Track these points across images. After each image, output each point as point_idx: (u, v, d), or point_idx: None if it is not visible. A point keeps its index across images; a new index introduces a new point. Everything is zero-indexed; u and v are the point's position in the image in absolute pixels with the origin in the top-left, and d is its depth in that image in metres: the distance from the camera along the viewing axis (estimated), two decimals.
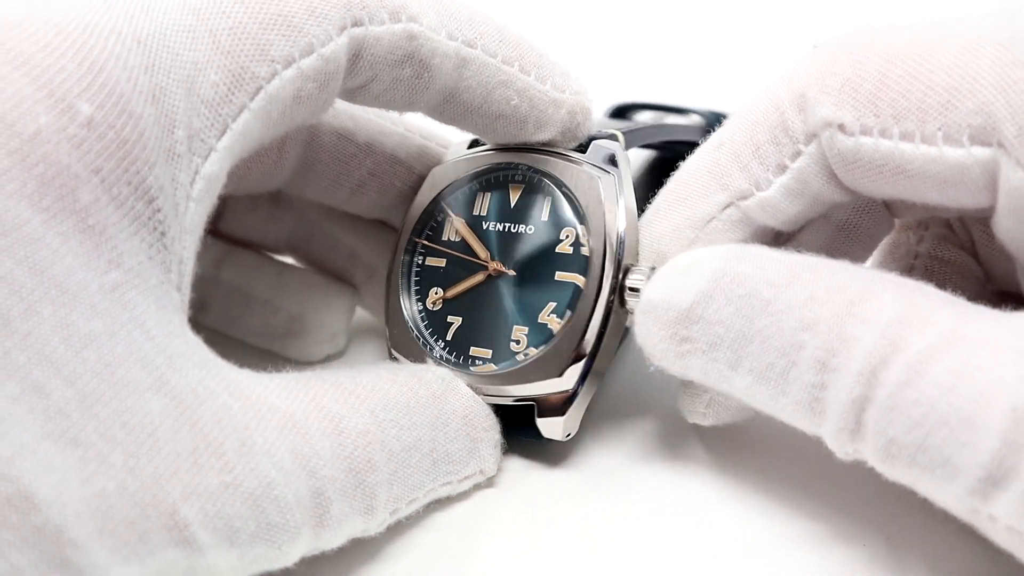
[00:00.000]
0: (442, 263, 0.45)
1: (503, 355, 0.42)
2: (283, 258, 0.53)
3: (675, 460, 0.43)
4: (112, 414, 0.29)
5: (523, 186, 0.44)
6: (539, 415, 0.41)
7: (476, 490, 0.41)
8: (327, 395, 0.35)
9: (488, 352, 0.43)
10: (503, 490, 0.41)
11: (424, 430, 0.38)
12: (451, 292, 0.44)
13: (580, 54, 0.44)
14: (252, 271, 0.50)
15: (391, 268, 0.46)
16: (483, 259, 0.44)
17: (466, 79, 0.40)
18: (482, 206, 0.45)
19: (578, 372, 0.41)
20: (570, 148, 0.43)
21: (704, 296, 0.36)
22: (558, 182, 0.43)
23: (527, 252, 0.43)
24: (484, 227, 0.44)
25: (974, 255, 0.44)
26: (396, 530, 0.38)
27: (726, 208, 0.40)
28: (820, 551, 0.37)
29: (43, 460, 0.27)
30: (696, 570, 0.37)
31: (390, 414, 0.37)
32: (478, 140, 0.46)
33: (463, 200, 0.45)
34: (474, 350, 0.43)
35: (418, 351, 0.44)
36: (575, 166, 0.43)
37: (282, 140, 0.44)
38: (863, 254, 0.43)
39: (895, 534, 0.37)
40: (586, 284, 0.41)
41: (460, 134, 0.45)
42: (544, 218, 0.43)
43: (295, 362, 0.50)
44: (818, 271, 0.35)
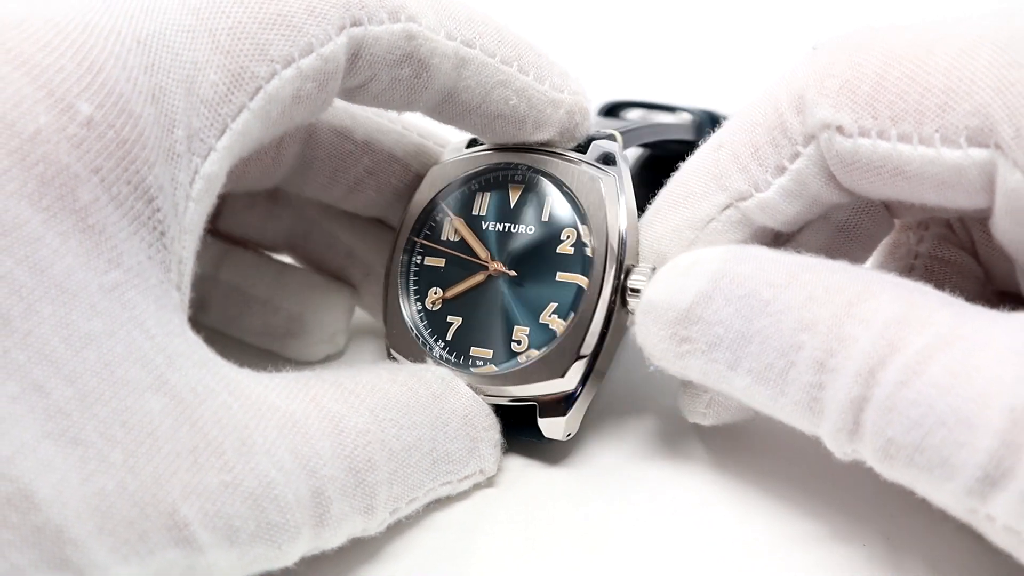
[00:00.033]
0: (441, 263, 0.45)
1: (504, 355, 0.42)
2: (282, 258, 0.53)
3: (675, 459, 0.43)
4: (112, 413, 0.29)
5: (522, 186, 0.44)
6: (540, 415, 0.41)
7: (476, 490, 0.41)
8: (327, 395, 0.35)
9: (489, 352, 0.43)
10: (503, 490, 0.41)
11: (424, 430, 0.38)
12: (451, 292, 0.44)
13: (571, 52, 0.44)
14: (251, 270, 0.51)
15: (389, 267, 0.46)
16: (483, 259, 0.44)
17: (465, 79, 0.40)
18: (481, 206, 0.45)
19: (580, 373, 0.41)
20: (569, 148, 0.43)
21: (704, 297, 0.36)
22: (558, 182, 0.43)
23: (527, 252, 0.43)
24: (483, 227, 0.44)
25: (974, 255, 0.44)
26: (396, 530, 0.38)
27: (725, 209, 0.40)
28: (820, 550, 0.37)
29: (43, 459, 0.27)
30: (696, 569, 0.37)
31: (390, 413, 0.37)
32: (476, 139, 0.46)
33: (462, 200, 0.45)
34: (474, 350, 0.43)
35: (417, 351, 0.44)
36: (575, 166, 0.43)
37: (280, 137, 0.44)
38: (863, 255, 0.43)
39: (894, 534, 0.37)
40: (588, 285, 0.41)
41: (458, 133, 0.45)
42: (544, 218, 0.43)
43: (295, 362, 0.50)
44: (817, 272, 0.35)
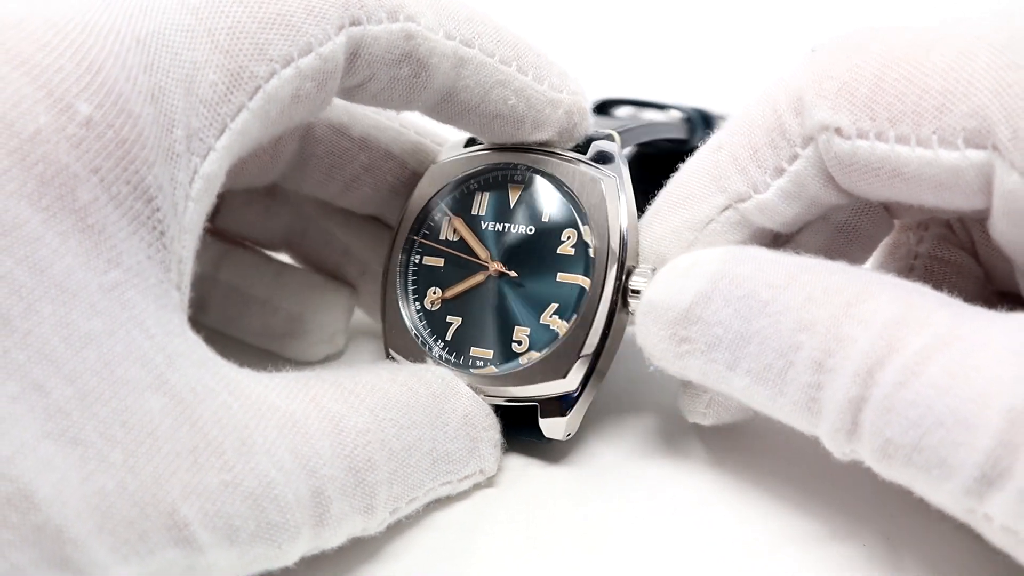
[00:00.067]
0: (440, 262, 0.45)
1: (505, 356, 0.42)
2: (282, 258, 0.53)
3: (674, 458, 0.43)
4: (112, 413, 0.29)
5: (522, 186, 0.44)
6: (541, 415, 0.41)
7: (476, 489, 0.41)
8: (327, 394, 0.35)
9: (489, 353, 0.43)
10: (502, 489, 0.41)
11: (424, 429, 0.38)
12: (450, 292, 0.44)
13: (564, 49, 0.43)
14: (250, 270, 0.50)
15: (387, 266, 0.45)
16: (483, 259, 0.44)
17: (463, 78, 0.40)
18: (480, 206, 0.44)
19: (582, 373, 0.41)
20: (568, 148, 0.43)
21: (703, 297, 0.36)
22: (558, 183, 0.43)
23: (528, 253, 0.43)
24: (483, 227, 0.44)
25: (974, 255, 0.44)
26: (396, 529, 0.38)
27: (724, 210, 0.40)
28: (819, 550, 0.37)
29: (43, 459, 0.27)
30: (695, 568, 0.37)
31: (390, 413, 0.37)
32: (475, 139, 0.46)
33: (461, 199, 0.45)
34: (474, 351, 0.43)
35: (416, 351, 0.44)
36: (575, 167, 0.43)
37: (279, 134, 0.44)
38: (862, 255, 0.43)
39: (894, 533, 0.37)
40: (590, 286, 0.41)
41: (456, 132, 0.45)
42: (545, 219, 0.43)
43: (295, 362, 0.50)
44: (816, 273, 0.35)
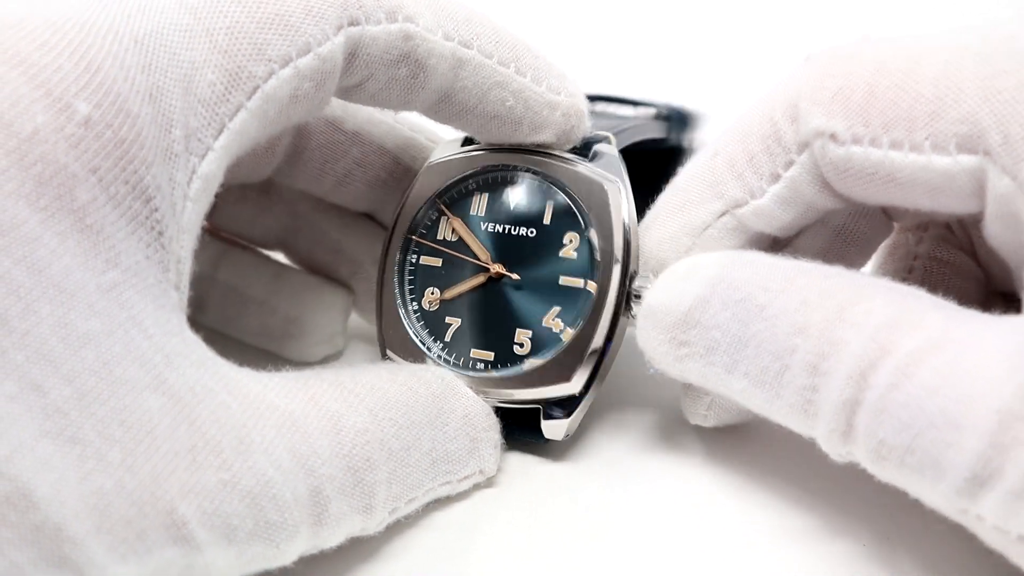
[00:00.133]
0: (438, 262, 0.44)
1: (506, 358, 0.42)
2: (279, 258, 0.53)
3: (674, 455, 0.43)
4: (110, 412, 0.29)
5: (523, 188, 0.44)
6: (544, 418, 0.41)
7: (475, 489, 0.41)
8: (326, 394, 0.35)
9: (490, 355, 0.43)
10: (502, 488, 0.41)
11: (423, 429, 0.38)
12: (449, 293, 0.44)
13: (553, 47, 0.43)
14: (249, 271, 0.50)
15: (383, 266, 0.45)
16: (483, 261, 0.43)
17: (462, 79, 0.40)
18: (480, 206, 0.44)
19: (586, 376, 0.41)
20: (565, 150, 0.43)
21: (701, 301, 0.37)
22: (560, 185, 0.43)
23: (529, 255, 0.43)
24: (482, 228, 0.44)
25: (973, 256, 0.44)
26: (395, 529, 0.38)
27: (722, 216, 0.40)
28: (819, 546, 0.37)
29: (41, 458, 0.27)
30: (696, 562, 0.37)
31: (389, 413, 0.37)
32: (471, 138, 0.45)
33: (460, 199, 0.45)
34: (475, 352, 0.43)
35: (414, 351, 0.44)
36: (576, 169, 0.42)
37: None
38: (861, 258, 0.43)
39: (894, 532, 0.37)
40: (594, 289, 0.41)
41: (452, 131, 0.44)
42: (546, 221, 0.43)
43: (294, 362, 0.50)
44: (812, 276, 0.35)
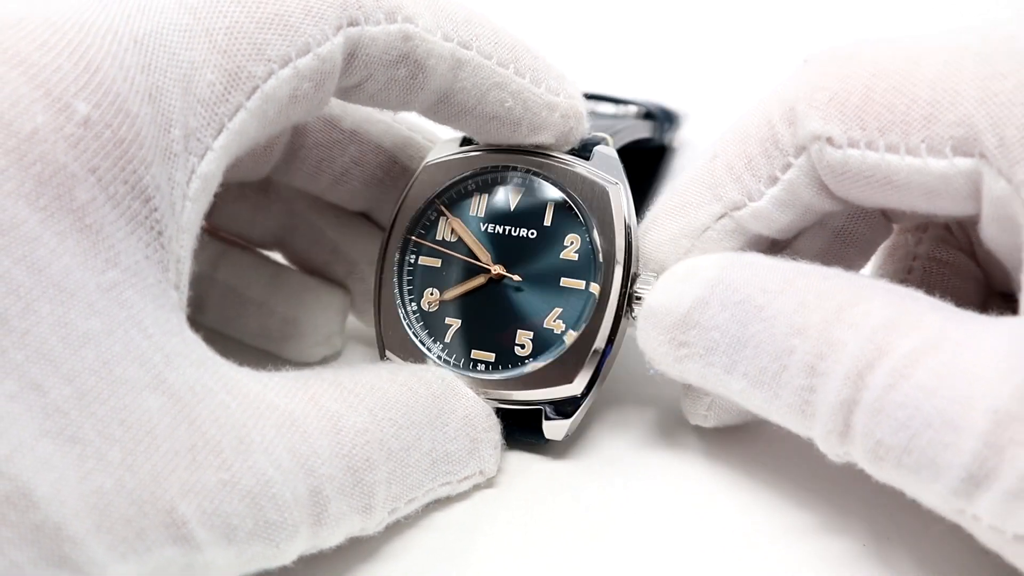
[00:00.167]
0: (437, 263, 0.44)
1: (507, 359, 0.42)
2: (277, 258, 0.52)
3: (673, 452, 0.43)
4: (110, 412, 0.29)
5: (523, 189, 0.44)
6: (546, 419, 0.42)
7: (475, 488, 0.41)
8: (326, 394, 0.35)
9: (491, 356, 0.43)
10: (502, 487, 0.41)
11: (423, 429, 0.38)
12: (449, 294, 0.44)
13: (546, 45, 0.43)
14: (248, 271, 0.50)
15: (381, 266, 0.45)
16: (484, 262, 0.43)
17: (461, 80, 0.40)
18: (480, 207, 0.44)
19: (588, 378, 0.41)
20: (564, 151, 0.43)
21: (700, 302, 0.37)
22: (560, 186, 0.43)
23: (530, 257, 0.43)
24: (481, 228, 0.44)
25: (972, 256, 0.44)
26: (395, 529, 0.38)
27: (720, 218, 0.40)
28: (819, 543, 0.37)
29: (41, 458, 0.28)
30: (696, 561, 0.37)
31: (389, 413, 0.37)
32: (470, 138, 0.45)
33: (459, 200, 0.45)
34: (475, 353, 0.43)
35: (415, 352, 0.43)
36: (577, 171, 0.42)
37: None
38: (860, 259, 0.43)
39: (894, 530, 0.37)
40: (596, 291, 0.41)
41: (450, 131, 0.44)
42: (547, 223, 0.43)
43: (294, 362, 0.50)
44: (810, 278, 0.35)
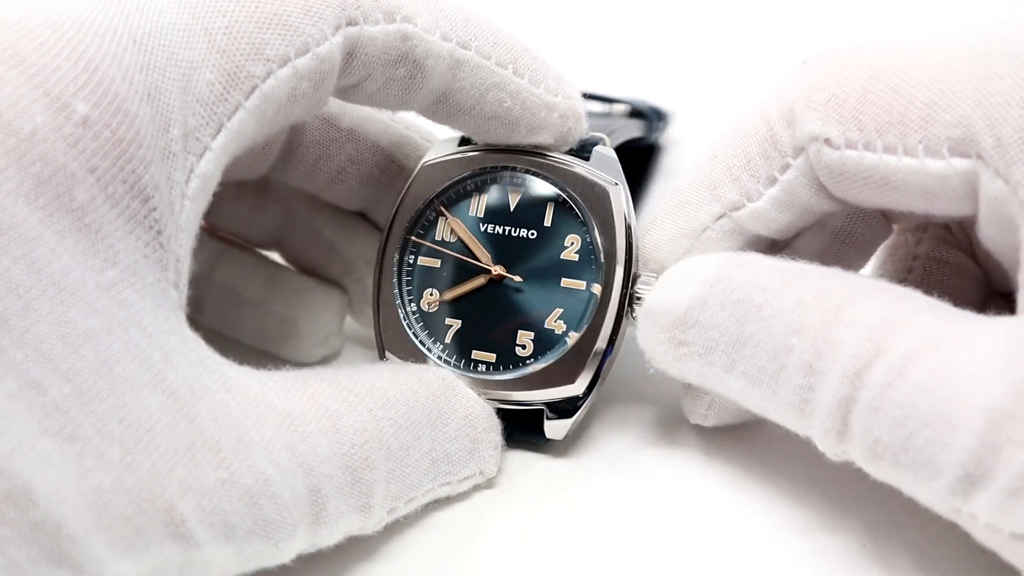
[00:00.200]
0: (436, 263, 0.44)
1: (508, 360, 0.42)
2: (275, 258, 0.52)
3: (674, 452, 0.43)
4: (109, 410, 0.29)
5: (522, 189, 0.44)
6: (547, 419, 0.42)
7: (475, 489, 0.41)
8: (325, 393, 0.35)
9: (492, 356, 0.43)
10: (502, 485, 0.41)
11: (423, 429, 0.38)
12: (449, 295, 0.44)
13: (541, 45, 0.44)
14: (246, 272, 0.50)
15: (380, 266, 0.45)
16: (484, 263, 0.43)
17: (459, 80, 0.40)
18: (479, 207, 0.44)
19: (589, 378, 0.41)
20: (562, 151, 0.43)
21: (699, 302, 0.37)
22: (560, 186, 0.43)
23: (530, 257, 0.43)
24: (481, 229, 0.44)
25: (972, 256, 0.44)
26: (394, 529, 0.38)
27: (719, 219, 0.40)
28: (818, 540, 0.37)
29: (41, 456, 0.28)
30: (696, 560, 0.37)
31: (389, 413, 0.37)
32: (468, 138, 0.45)
33: (458, 200, 0.44)
34: (476, 354, 0.43)
35: (415, 352, 0.43)
36: (577, 171, 0.43)
37: None
38: (860, 259, 0.43)
39: (891, 530, 0.37)
40: (597, 291, 0.41)
41: (448, 131, 0.44)
42: (547, 223, 0.43)
43: (294, 362, 0.50)
44: (809, 277, 0.35)
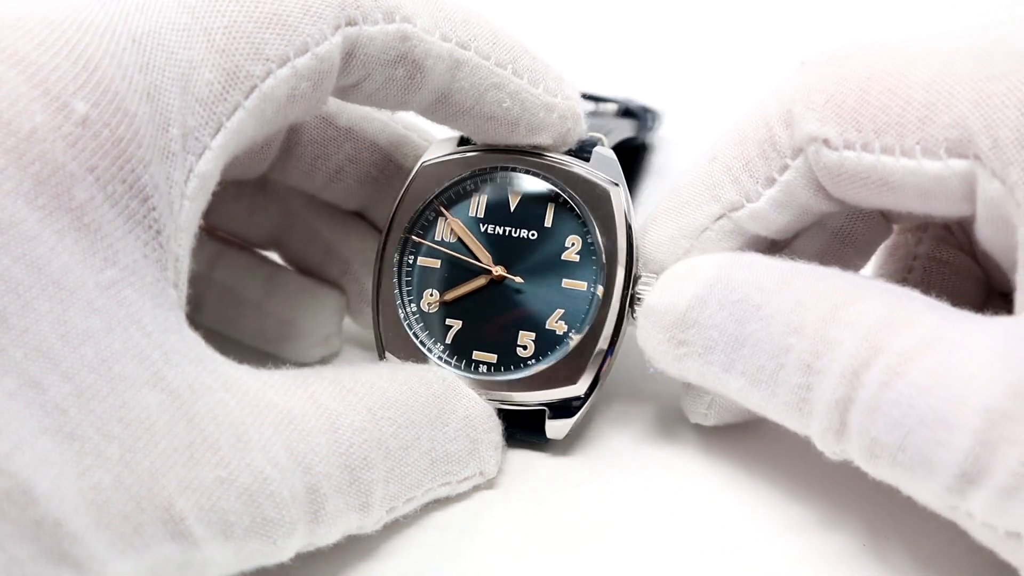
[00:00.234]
0: (436, 263, 0.44)
1: (509, 360, 0.42)
2: (274, 258, 0.52)
3: (674, 451, 0.43)
4: (109, 409, 0.29)
5: (522, 190, 0.44)
6: (549, 419, 0.42)
7: (475, 489, 0.41)
8: (325, 392, 0.35)
9: (493, 357, 0.43)
10: (503, 484, 0.41)
11: (423, 429, 0.38)
12: (450, 295, 0.44)
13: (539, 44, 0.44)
14: (244, 272, 0.50)
15: (379, 266, 0.45)
16: (485, 263, 0.43)
17: (459, 81, 0.40)
18: (479, 208, 0.44)
19: (591, 378, 0.41)
20: (561, 152, 0.43)
21: (699, 301, 0.37)
22: (560, 187, 0.43)
23: (531, 258, 0.43)
24: (481, 229, 0.44)
25: (972, 256, 0.44)
26: (393, 528, 0.38)
27: (719, 219, 0.41)
28: (818, 539, 0.37)
29: (41, 454, 0.28)
30: (696, 558, 0.37)
31: (388, 412, 0.37)
32: (467, 138, 0.45)
33: (458, 200, 0.44)
34: (477, 354, 0.43)
35: (416, 353, 0.43)
36: (576, 172, 0.43)
37: None
38: (859, 259, 0.44)
39: (890, 528, 0.37)
40: (598, 292, 0.41)
41: (449, 131, 0.44)
42: (547, 224, 0.43)
43: (294, 362, 0.50)
44: (807, 277, 0.36)
